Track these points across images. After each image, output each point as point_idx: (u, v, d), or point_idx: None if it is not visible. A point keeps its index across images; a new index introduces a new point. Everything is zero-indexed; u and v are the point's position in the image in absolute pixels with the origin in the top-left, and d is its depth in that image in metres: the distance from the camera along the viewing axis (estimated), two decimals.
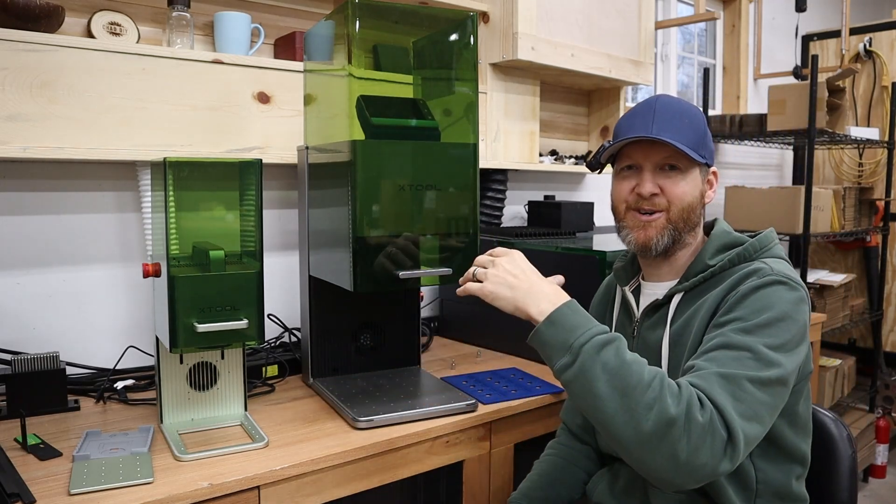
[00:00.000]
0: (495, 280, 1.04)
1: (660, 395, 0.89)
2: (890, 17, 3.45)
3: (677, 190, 1.12)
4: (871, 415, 3.16)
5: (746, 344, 0.96)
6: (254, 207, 1.24)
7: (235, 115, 1.53)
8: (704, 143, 1.14)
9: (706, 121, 1.18)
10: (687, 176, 1.13)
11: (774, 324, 0.99)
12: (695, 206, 1.13)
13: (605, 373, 0.92)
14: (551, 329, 0.98)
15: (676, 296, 1.13)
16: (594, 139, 2.60)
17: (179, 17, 1.54)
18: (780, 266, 1.07)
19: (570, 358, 0.95)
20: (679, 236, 1.13)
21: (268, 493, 1.11)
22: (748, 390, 0.93)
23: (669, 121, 1.11)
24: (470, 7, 1.95)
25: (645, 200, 1.13)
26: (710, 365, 0.96)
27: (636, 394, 0.90)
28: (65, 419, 1.32)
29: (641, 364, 0.93)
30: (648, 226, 1.13)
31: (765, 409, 0.94)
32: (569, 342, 0.95)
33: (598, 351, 0.93)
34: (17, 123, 1.28)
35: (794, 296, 1.02)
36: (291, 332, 1.77)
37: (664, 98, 1.15)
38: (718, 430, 0.89)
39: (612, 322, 1.26)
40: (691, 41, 3.47)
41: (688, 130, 1.11)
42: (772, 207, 2.76)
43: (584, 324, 0.97)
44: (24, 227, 1.50)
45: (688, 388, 0.92)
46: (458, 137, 1.32)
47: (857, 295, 3.33)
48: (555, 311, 0.99)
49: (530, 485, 1.27)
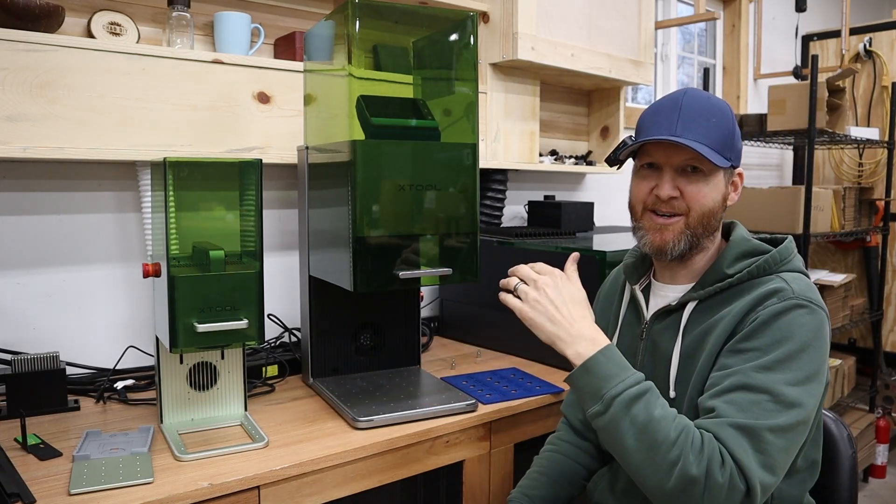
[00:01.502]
0: (537, 307, 1.04)
1: (683, 452, 0.92)
2: (890, 17, 3.45)
3: (699, 195, 1.07)
4: (871, 415, 3.16)
5: (766, 385, 0.95)
6: (254, 207, 1.24)
7: (235, 115, 1.53)
8: (731, 145, 1.08)
9: (734, 118, 1.11)
10: (710, 180, 1.08)
11: (796, 356, 0.97)
12: (716, 211, 1.09)
13: (634, 427, 0.94)
14: (585, 376, 0.99)
15: (691, 304, 1.10)
16: (594, 139, 2.60)
17: (179, 17, 1.54)
18: (801, 284, 1.04)
19: (601, 407, 0.97)
20: (697, 242, 1.10)
21: (268, 493, 1.11)
22: (769, 441, 0.93)
23: (695, 120, 1.06)
24: (470, 7, 1.95)
25: (663, 203, 1.09)
26: (730, 411, 0.95)
27: (661, 450, 0.92)
28: (65, 419, 1.32)
29: (669, 419, 0.94)
30: (665, 229, 1.09)
31: (786, 455, 0.96)
32: (601, 392, 0.97)
33: (628, 406, 0.95)
34: (17, 123, 1.28)
35: (815, 321, 1.00)
36: (291, 332, 1.77)
37: (692, 93, 1.09)
38: (738, 486, 0.91)
39: (619, 320, 1.23)
40: (691, 41, 3.47)
41: (714, 131, 1.06)
42: (772, 207, 2.75)
43: (618, 374, 0.98)
44: (24, 227, 1.50)
45: (710, 444, 0.93)
46: (458, 137, 1.32)
47: (857, 295, 3.33)
48: (590, 359, 0.99)
49: (530, 482, 1.26)
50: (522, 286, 1.06)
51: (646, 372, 1.13)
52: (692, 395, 1.05)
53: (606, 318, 1.28)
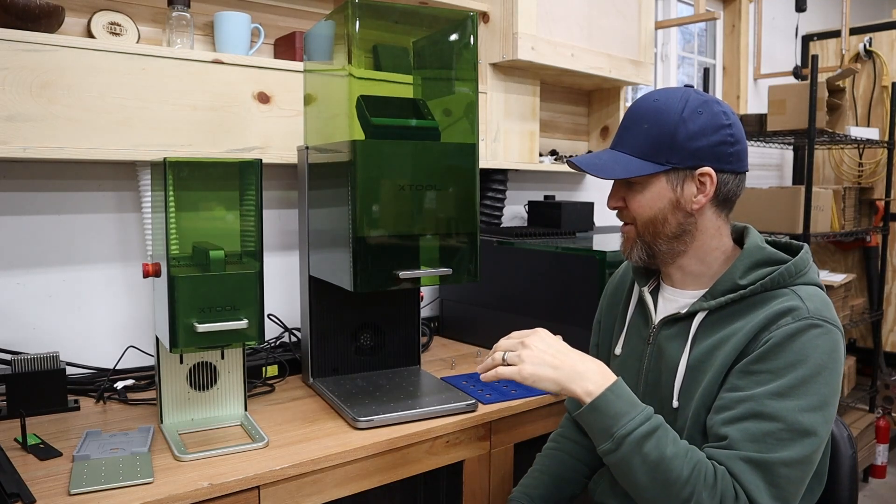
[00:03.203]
0: (535, 361, 1.02)
1: (696, 490, 0.92)
2: (890, 17, 3.45)
3: (635, 204, 1.08)
4: (871, 415, 3.16)
5: (780, 414, 0.94)
6: (254, 207, 1.24)
7: (235, 115, 1.53)
8: (671, 146, 1.03)
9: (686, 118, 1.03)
10: (646, 188, 1.07)
11: (810, 381, 0.95)
12: (662, 218, 1.07)
13: (645, 465, 0.94)
14: (594, 414, 0.98)
15: (701, 314, 1.07)
16: (594, 139, 2.60)
17: (179, 17, 1.54)
18: (816, 302, 1.00)
19: (612, 445, 0.97)
20: (653, 248, 1.09)
21: (268, 493, 1.11)
22: (782, 475, 0.93)
23: (629, 128, 1.08)
24: (470, 7, 1.95)
25: (618, 212, 1.14)
26: (743, 442, 0.95)
27: (675, 489, 0.93)
28: (65, 419, 1.32)
29: (681, 456, 0.94)
30: (624, 237, 1.14)
31: (800, 485, 0.95)
32: (611, 431, 0.97)
33: (639, 444, 0.95)
34: (17, 123, 1.28)
35: (830, 342, 0.98)
36: (291, 332, 1.77)
37: (643, 98, 1.09)
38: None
39: (626, 321, 1.21)
40: (691, 41, 3.47)
41: (643, 138, 1.05)
42: (772, 207, 2.75)
43: (627, 412, 0.97)
44: (24, 227, 1.50)
45: (724, 480, 0.93)
46: (458, 137, 1.32)
47: (857, 295, 3.33)
48: (599, 398, 0.98)
49: (531, 482, 1.26)
50: (510, 354, 1.04)
51: (651, 378, 1.12)
52: (697, 408, 1.03)
53: (613, 317, 1.27)
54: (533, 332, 1.06)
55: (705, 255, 1.10)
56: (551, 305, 1.73)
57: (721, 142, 1.04)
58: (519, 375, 1.02)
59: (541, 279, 1.76)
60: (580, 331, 1.51)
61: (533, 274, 1.78)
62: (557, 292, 1.72)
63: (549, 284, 1.74)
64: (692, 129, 1.03)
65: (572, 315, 1.67)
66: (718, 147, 1.04)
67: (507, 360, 1.04)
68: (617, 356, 1.21)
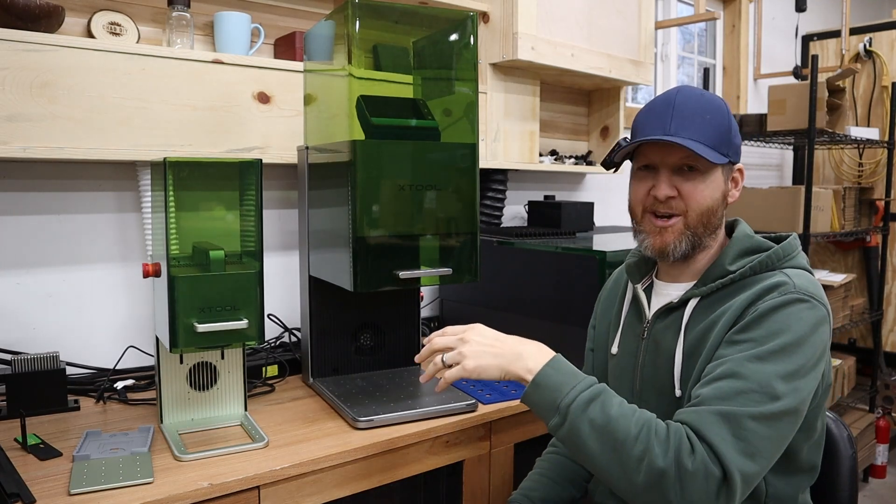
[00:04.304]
0: (475, 353, 1.02)
1: (647, 446, 0.90)
2: (890, 17, 3.45)
3: (696, 193, 1.06)
4: (871, 415, 3.16)
5: (755, 376, 0.94)
6: (254, 207, 1.24)
7: (235, 115, 1.53)
8: (728, 140, 1.07)
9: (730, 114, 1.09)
10: (707, 178, 1.06)
11: (790, 349, 0.95)
12: (716, 209, 1.08)
13: (593, 430, 0.93)
14: (538, 391, 0.98)
15: (693, 301, 1.08)
16: (594, 139, 2.60)
17: (179, 17, 1.54)
18: (803, 280, 1.02)
19: (559, 418, 0.96)
20: (699, 241, 1.08)
21: (268, 493, 1.11)
22: (750, 428, 0.91)
23: (689, 118, 1.05)
24: (470, 7, 1.95)
25: (661, 203, 1.08)
26: (713, 399, 0.94)
27: (625, 448, 0.91)
28: (65, 419, 1.32)
29: (628, 416, 0.93)
30: (665, 231, 1.08)
31: (769, 444, 0.93)
32: (556, 403, 0.96)
33: (584, 409, 0.94)
34: (17, 123, 1.28)
35: (815, 316, 0.98)
36: (291, 332, 1.77)
37: (686, 91, 1.08)
38: (712, 472, 0.89)
39: (621, 321, 1.22)
40: (691, 41, 3.47)
41: (709, 128, 1.05)
42: (772, 207, 2.76)
43: (568, 382, 0.97)
44: (24, 227, 1.50)
45: (676, 433, 0.91)
46: (458, 137, 1.32)
47: (857, 295, 3.33)
48: (539, 374, 0.99)
49: (531, 484, 1.26)
50: (449, 355, 1.04)
51: (647, 372, 1.13)
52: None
53: (607, 320, 1.27)
54: (469, 328, 1.07)
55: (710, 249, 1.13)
56: (551, 305, 1.73)
57: (741, 141, 1.11)
58: (464, 371, 1.02)
59: (541, 279, 1.76)
60: (580, 331, 1.51)
61: (533, 274, 1.78)
62: (557, 292, 1.72)
63: (549, 284, 1.74)
64: (735, 126, 1.10)
65: (572, 315, 1.67)
66: (741, 145, 1.12)
67: (447, 361, 1.04)
68: (614, 355, 1.21)
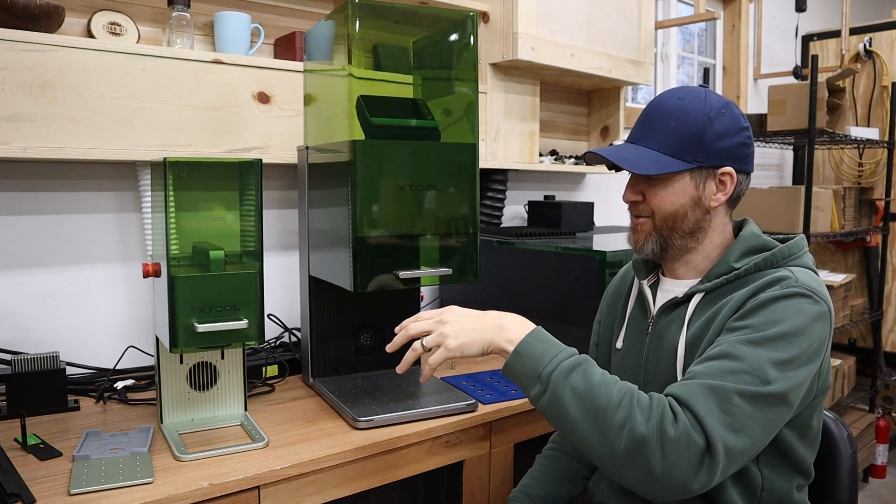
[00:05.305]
0: (456, 333, 1.02)
1: (629, 414, 0.90)
2: (890, 17, 3.45)
3: (656, 199, 1.09)
4: (871, 415, 3.16)
5: (747, 357, 0.94)
6: (254, 207, 1.24)
7: (235, 115, 1.53)
8: (698, 145, 1.06)
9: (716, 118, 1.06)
10: (669, 184, 1.08)
11: (785, 338, 0.95)
12: (682, 214, 1.09)
13: (575, 398, 0.92)
14: (519, 361, 0.98)
15: (697, 296, 1.09)
16: (594, 139, 2.60)
17: (179, 17, 1.54)
18: (807, 277, 1.02)
19: (540, 388, 0.95)
20: (668, 243, 1.11)
21: (268, 493, 1.11)
22: (736, 403, 0.90)
23: (654, 124, 1.09)
24: (470, 7, 1.95)
25: (632, 205, 1.14)
26: (703, 374, 0.94)
27: (607, 415, 0.90)
28: (65, 419, 1.32)
29: (610, 384, 0.93)
30: (637, 229, 1.14)
31: (755, 423, 0.92)
32: (537, 371, 0.96)
33: (566, 377, 0.94)
34: (17, 123, 1.28)
35: (815, 310, 0.98)
36: (291, 332, 1.77)
37: (663, 96, 1.11)
38: (695, 440, 0.88)
39: (626, 316, 1.23)
40: (691, 41, 3.47)
41: (671, 135, 1.07)
42: (772, 207, 2.76)
43: (549, 351, 0.97)
44: (24, 227, 1.50)
45: (660, 402, 0.91)
46: (458, 137, 1.32)
47: (857, 295, 3.33)
48: (521, 343, 0.99)
49: (531, 481, 1.27)
50: (429, 338, 1.04)
51: (651, 366, 1.13)
52: None
53: (613, 317, 1.28)
54: (446, 310, 1.07)
55: (711, 251, 1.13)
56: (551, 305, 1.73)
57: (741, 143, 1.09)
58: (447, 351, 1.02)
59: (541, 279, 1.76)
60: (580, 331, 1.51)
61: (533, 274, 1.78)
62: (557, 292, 1.72)
63: (549, 284, 1.74)
64: (719, 130, 1.07)
65: (572, 315, 1.67)
66: (739, 148, 1.09)
67: (427, 344, 1.04)
68: (618, 350, 1.22)
